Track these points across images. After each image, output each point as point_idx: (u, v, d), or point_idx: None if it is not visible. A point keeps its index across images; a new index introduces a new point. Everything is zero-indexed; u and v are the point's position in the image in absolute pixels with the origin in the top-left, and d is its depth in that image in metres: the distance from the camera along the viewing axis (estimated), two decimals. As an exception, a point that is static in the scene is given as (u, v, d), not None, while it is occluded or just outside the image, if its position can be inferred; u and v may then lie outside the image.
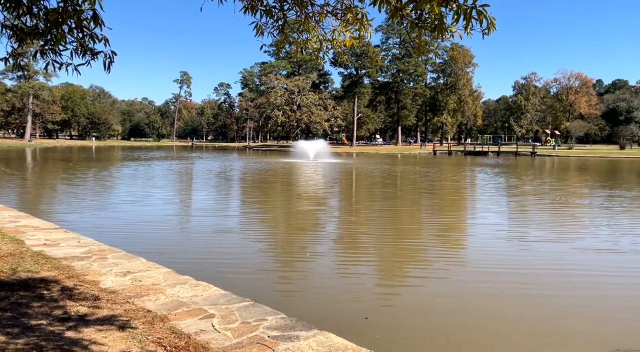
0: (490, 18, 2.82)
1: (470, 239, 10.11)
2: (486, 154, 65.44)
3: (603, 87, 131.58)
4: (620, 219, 12.94)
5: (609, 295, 6.38)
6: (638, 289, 6.68)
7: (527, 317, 5.60)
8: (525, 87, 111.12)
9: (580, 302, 6.13)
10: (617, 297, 6.30)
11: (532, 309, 5.86)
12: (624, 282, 7.00)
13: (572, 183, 24.86)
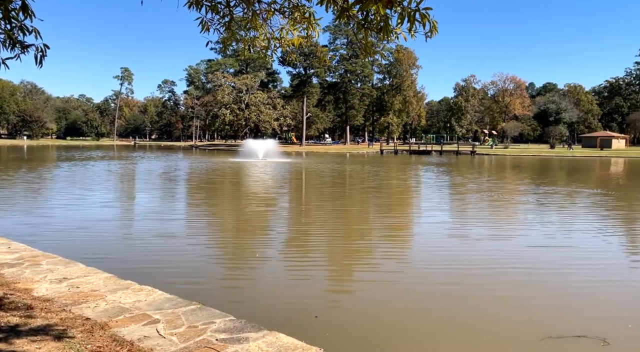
0: (433, 21, 2.93)
1: (418, 238, 10.39)
2: (430, 153, 67.90)
3: (535, 89, 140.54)
4: (557, 215, 13.90)
5: (543, 287, 6.82)
6: (571, 282, 7.19)
7: (471, 311, 5.87)
8: (465, 89, 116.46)
9: (518, 295, 6.51)
10: (551, 289, 6.75)
11: (475, 304, 6.15)
12: (560, 277, 7.51)
13: (510, 181, 26.37)
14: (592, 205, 15.81)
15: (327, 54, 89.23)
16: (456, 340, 4.99)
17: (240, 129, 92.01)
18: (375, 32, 3.55)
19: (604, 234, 10.70)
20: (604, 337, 4.83)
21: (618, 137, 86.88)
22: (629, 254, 9.02)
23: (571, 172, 34.42)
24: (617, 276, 7.38)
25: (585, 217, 13.34)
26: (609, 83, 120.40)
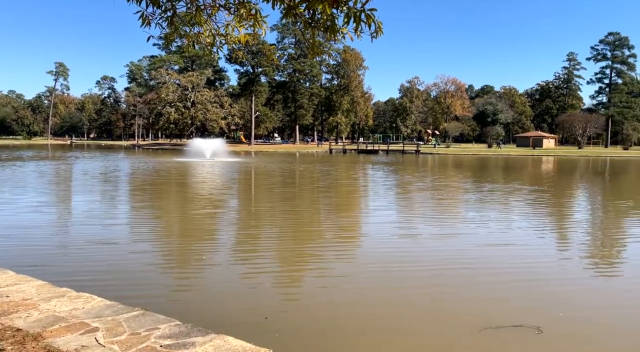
0: (378, 22, 2.99)
1: (368, 239, 10.52)
2: (377, 153, 69.41)
3: (474, 91, 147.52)
4: (496, 212, 14.65)
5: (483, 281, 7.17)
6: (509, 275, 7.60)
7: (417, 308, 6.06)
8: (409, 90, 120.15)
9: (461, 290, 6.79)
10: (490, 283, 7.11)
11: (422, 300, 6.36)
12: (499, 271, 7.92)
13: (453, 179, 27.49)
14: (528, 201, 16.84)
15: (276, 52, 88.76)
16: (403, 336, 5.13)
17: (186, 128, 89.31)
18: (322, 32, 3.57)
19: (537, 230, 11.43)
20: (538, 326, 5.15)
21: (548, 137, 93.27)
22: (560, 249, 9.68)
23: (508, 170, 36.48)
24: (550, 269, 7.90)
25: (522, 213, 14.17)
26: (540, 86, 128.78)
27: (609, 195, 20.15)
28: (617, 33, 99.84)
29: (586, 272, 7.67)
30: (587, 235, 10.84)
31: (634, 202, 17.39)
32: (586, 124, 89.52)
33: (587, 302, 6.17)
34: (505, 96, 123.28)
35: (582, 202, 17.61)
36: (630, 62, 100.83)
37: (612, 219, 13.21)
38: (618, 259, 8.77)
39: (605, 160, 55.84)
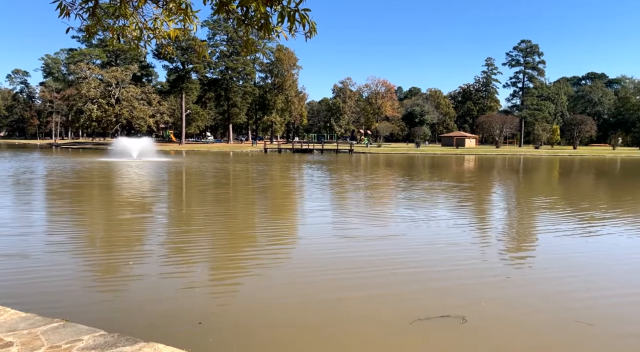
0: (312, 22, 3.01)
1: (304, 240, 10.52)
2: (312, 152, 70.00)
3: (403, 93, 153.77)
4: (422, 209, 15.34)
5: (411, 276, 7.49)
6: (435, 268, 8.00)
7: (350, 307, 6.19)
8: (342, 90, 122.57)
9: (391, 286, 7.04)
10: (419, 277, 7.44)
11: (355, 299, 6.50)
12: (425, 265, 8.30)
13: (386, 177, 28.40)
14: (453, 198, 17.84)
15: (207, 49, 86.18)
16: (338, 334, 5.22)
17: (110, 126, 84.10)
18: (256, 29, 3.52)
19: (461, 225, 12.15)
20: (463, 316, 5.49)
21: (470, 137, 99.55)
22: (482, 243, 10.35)
23: (435, 168, 38.42)
24: (474, 262, 8.43)
25: (447, 209, 14.98)
26: (462, 89, 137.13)
27: (523, 190, 21.92)
28: (529, 41, 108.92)
29: (505, 264, 8.28)
30: (505, 229, 11.71)
31: (545, 196, 19.08)
32: (503, 125, 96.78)
33: (506, 292, 6.66)
34: (431, 98, 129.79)
35: (500, 198, 19.00)
36: (540, 68, 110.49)
37: (527, 213, 14.38)
38: (532, 250, 9.56)
39: (520, 158, 60.76)
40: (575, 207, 15.27)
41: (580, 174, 33.85)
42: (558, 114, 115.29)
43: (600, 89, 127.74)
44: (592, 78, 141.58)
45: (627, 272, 7.57)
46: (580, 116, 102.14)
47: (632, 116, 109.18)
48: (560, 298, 6.30)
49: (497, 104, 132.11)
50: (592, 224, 11.98)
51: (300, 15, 2.95)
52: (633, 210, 15.10)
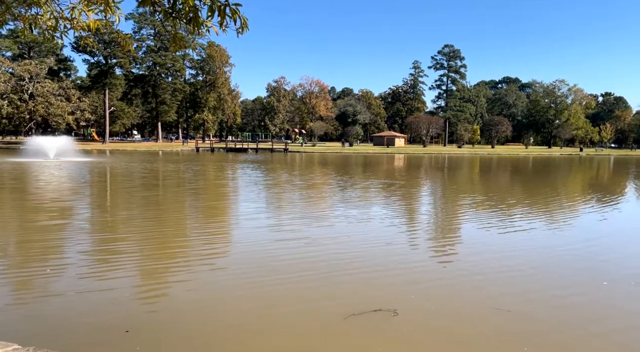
0: (244, 18, 2.95)
1: (238, 242, 10.32)
2: (246, 151, 69.03)
3: (336, 93, 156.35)
4: (351, 206, 15.68)
5: (346, 273, 7.64)
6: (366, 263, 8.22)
7: (286, 306, 6.18)
8: (276, 89, 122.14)
9: (325, 283, 7.14)
10: (352, 274, 7.61)
11: (290, 298, 6.51)
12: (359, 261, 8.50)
13: (321, 176, 28.70)
14: (385, 195, 18.46)
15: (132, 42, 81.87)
16: (274, 333, 5.20)
17: (24, 124, 77.00)
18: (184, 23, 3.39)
19: (392, 221, 12.60)
20: (394, 309, 5.69)
21: (399, 137, 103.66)
22: (411, 237, 10.81)
23: (367, 166, 39.49)
24: (404, 256, 8.78)
25: (378, 206, 15.45)
26: (392, 90, 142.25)
27: (449, 187, 23.20)
28: (452, 45, 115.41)
29: (433, 257, 8.71)
30: (433, 224, 12.32)
31: (469, 192, 20.34)
32: (429, 125, 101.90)
33: (433, 284, 7.01)
34: (363, 98, 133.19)
35: (429, 195, 19.96)
36: (462, 72, 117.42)
37: (453, 209, 15.23)
38: (457, 243, 10.14)
39: (445, 157, 64.31)
40: (496, 202, 16.43)
41: (498, 171, 36.50)
42: (478, 115, 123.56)
43: (514, 92, 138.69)
44: (507, 82, 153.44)
45: (542, 262, 8.27)
46: (498, 117, 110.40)
47: (541, 118, 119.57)
48: (482, 287, 6.75)
49: (423, 105, 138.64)
50: (510, 217, 12.95)
51: (232, 10, 2.88)
52: (545, 204, 16.53)
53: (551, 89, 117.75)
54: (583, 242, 9.79)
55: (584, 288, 6.81)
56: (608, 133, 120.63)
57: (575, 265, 8.07)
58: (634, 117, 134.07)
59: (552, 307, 6.00)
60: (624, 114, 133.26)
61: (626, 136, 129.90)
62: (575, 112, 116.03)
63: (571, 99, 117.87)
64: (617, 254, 8.79)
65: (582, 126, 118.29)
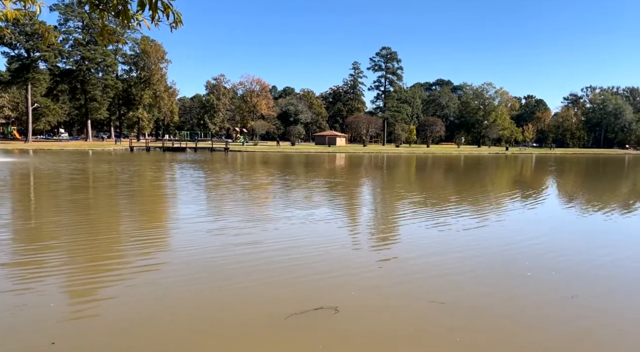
0: (177, 12, 2.84)
1: (175, 246, 9.96)
2: (184, 150, 66.85)
3: (277, 92, 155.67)
4: (294, 205, 15.70)
5: (284, 271, 7.63)
6: (306, 262, 8.25)
7: (225, 308, 6.06)
8: (216, 87, 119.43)
9: (265, 282, 7.08)
10: (293, 272, 7.61)
11: (229, 299, 6.38)
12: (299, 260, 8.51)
13: (263, 176, 28.40)
14: (328, 193, 18.64)
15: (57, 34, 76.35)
16: (212, 335, 5.08)
17: None
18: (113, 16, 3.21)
19: (332, 219, 12.76)
20: (335, 306, 5.77)
21: (341, 136, 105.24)
22: (352, 235, 11.01)
23: (309, 165, 39.70)
24: (344, 253, 8.92)
25: (320, 205, 15.59)
26: (333, 90, 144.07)
27: (388, 185, 23.90)
28: (389, 48, 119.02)
29: (372, 254, 8.93)
30: (372, 221, 12.63)
31: (407, 191, 21.08)
32: (369, 125, 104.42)
33: (373, 281, 7.19)
34: (304, 98, 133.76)
35: (369, 193, 20.44)
36: (399, 74, 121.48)
37: (392, 205, 15.71)
38: (395, 239, 10.47)
39: (384, 156, 66.21)
40: (433, 200, 17.15)
41: (435, 170, 38.18)
42: (414, 116, 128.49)
43: (447, 94, 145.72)
44: (441, 84, 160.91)
45: (474, 256, 8.75)
46: (432, 118, 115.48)
47: (472, 118, 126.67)
48: (419, 283, 7.02)
49: (363, 105, 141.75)
50: (446, 214, 13.58)
51: (164, 4, 2.76)
52: (477, 201, 17.50)
53: (480, 92, 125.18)
54: (512, 237, 10.50)
55: (510, 280, 7.29)
56: (530, 133, 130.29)
57: (503, 258, 8.61)
58: (552, 118, 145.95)
59: (482, 298, 6.37)
60: (544, 115, 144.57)
61: (546, 136, 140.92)
62: (501, 113, 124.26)
63: (498, 101, 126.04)
64: (540, 247, 9.51)
65: (508, 127, 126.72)
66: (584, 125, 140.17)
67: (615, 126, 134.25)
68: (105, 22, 3.43)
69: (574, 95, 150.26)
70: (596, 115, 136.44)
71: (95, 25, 9.77)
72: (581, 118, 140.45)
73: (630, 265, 8.23)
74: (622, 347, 4.99)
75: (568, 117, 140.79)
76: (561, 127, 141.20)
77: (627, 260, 8.52)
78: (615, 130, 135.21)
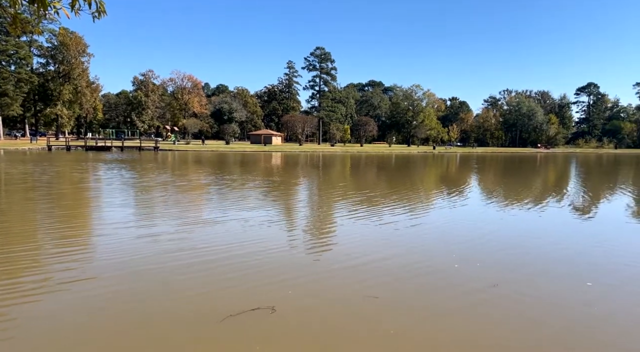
0: (100, 1, 2.66)
1: (103, 251, 9.43)
2: (110, 149, 63.12)
3: (210, 90, 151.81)
4: (229, 202, 15.40)
5: (219, 272, 7.47)
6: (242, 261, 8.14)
7: (158, 310, 5.82)
8: (144, 83, 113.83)
9: (198, 284, 6.89)
10: (226, 273, 7.47)
11: (158, 301, 6.13)
12: (234, 258, 8.37)
13: (195, 176, 27.49)
14: (264, 194, 18.47)
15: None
16: (149, 341, 4.86)
17: None
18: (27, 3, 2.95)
19: (269, 219, 12.68)
20: (272, 306, 5.75)
21: (276, 135, 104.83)
22: (288, 234, 11.01)
23: (245, 165, 39.10)
24: (280, 253, 8.90)
25: (252, 204, 15.41)
26: (268, 89, 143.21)
27: (324, 183, 24.18)
28: (323, 48, 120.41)
29: (309, 252, 9.00)
30: (309, 220, 12.72)
31: (342, 188, 21.46)
32: (304, 124, 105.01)
33: (309, 279, 7.25)
34: (239, 96, 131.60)
35: (305, 191, 20.55)
36: (333, 74, 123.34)
37: (327, 204, 15.91)
38: (331, 237, 10.63)
39: (320, 155, 66.95)
40: (367, 197, 17.61)
41: (368, 168, 39.23)
42: (348, 116, 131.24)
43: (379, 95, 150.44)
44: (373, 85, 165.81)
45: (407, 251, 9.11)
46: (365, 118, 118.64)
47: (402, 119, 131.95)
48: (353, 278, 7.19)
49: (299, 104, 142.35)
50: (379, 210, 14.00)
51: (84, -6, 2.58)
52: (409, 196, 18.24)
53: (409, 93, 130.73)
54: (441, 230, 11.07)
55: (440, 272, 7.69)
56: (455, 133, 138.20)
57: (433, 252, 9.06)
58: (474, 119, 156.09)
59: (413, 292, 6.66)
60: (467, 116, 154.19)
61: (468, 136, 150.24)
62: (429, 114, 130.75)
63: (425, 102, 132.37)
64: (467, 239, 10.12)
65: (435, 127, 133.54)
66: (501, 126, 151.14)
67: (528, 127, 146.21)
68: (18, 11, 3.14)
69: (493, 98, 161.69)
70: (512, 117, 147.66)
71: (7, 14, 8.79)
72: (499, 119, 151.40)
73: (551, 252, 9.01)
74: (542, 332, 5.44)
75: (488, 118, 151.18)
76: (482, 127, 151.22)
77: (547, 246, 9.31)
78: (529, 131, 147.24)
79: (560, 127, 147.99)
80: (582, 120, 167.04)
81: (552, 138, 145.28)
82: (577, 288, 6.87)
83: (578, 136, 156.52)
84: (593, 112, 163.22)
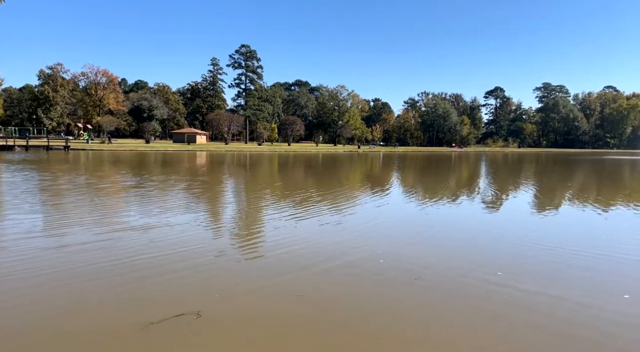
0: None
1: (5, 266, 8.56)
2: (12, 149, 57.29)
3: (128, 86, 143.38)
4: (155, 203, 14.70)
5: (143, 279, 7.14)
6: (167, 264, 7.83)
7: (72, 317, 5.43)
8: (52, 77, 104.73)
9: (119, 291, 6.53)
10: (148, 278, 7.15)
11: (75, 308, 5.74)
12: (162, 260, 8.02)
13: (114, 176, 25.79)
14: (188, 194, 17.83)
15: None
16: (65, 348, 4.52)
17: None
18: None
19: (194, 220, 12.30)
20: (198, 311, 5.60)
21: (201, 134, 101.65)
22: (214, 235, 10.76)
23: (167, 165, 37.45)
24: (205, 256, 8.68)
25: (180, 206, 14.86)
26: (191, 86, 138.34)
27: (252, 182, 23.91)
28: (248, 46, 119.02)
29: (236, 253, 8.87)
30: (236, 220, 12.52)
31: (270, 188, 21.38)
32: (230, 123, 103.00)
33: (236, 280, 7.16)
34: (159, 93, 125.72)
35: (233, 191, 20.17)
36: (259, 72, 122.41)
37: (255, 204, 15.77)
38: (260, 237, 10.56)
39: (247, 154, 66.04)
40: (295, 196, 17.70)
41: (296, 167, 39.43)
42: (275, 115, 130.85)
43: (305, 95, 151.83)
44: (299, 85, 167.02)
45: (331, 249, 9.31)
46: (292, 117, 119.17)
47: (328, 118, 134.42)
48: (278, 278, 7.22)
49: (224, 102, 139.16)
50: (307, 209, 14.15)
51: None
52: (335, 195, 18.62)
53: (335, 93, 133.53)
54: (366, 231, 11.45)
55: (363, 269, 7.95)
56: (378, 133, 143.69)
57: (358, 249, 9.35)
58: (396, 120, 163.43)
59: (336, 288, 6.84)
60: (389, 117, 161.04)
61: (390, 136, 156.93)
62: (353, 114, 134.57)
63: (350, 103, 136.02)
64: (392, 236, 10.57)
65: (359, 127, 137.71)
66: (420, 126, 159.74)
67: (444, 127, 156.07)
68: None
69: (412, 100, 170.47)
70: (430, 118, 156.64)
71: None
72: (418, 120, 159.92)
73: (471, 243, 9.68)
74: (464, 320, 5.86)
75: (408, 119, 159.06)
76: (403, 127, 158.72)
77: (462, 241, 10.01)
78: (444, 131, 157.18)
79: (472, 127, 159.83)
80: (490, 122, 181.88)
81: (464, 138, 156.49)
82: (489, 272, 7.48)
83: (487, 136, 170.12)
84: (500, 114, 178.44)
